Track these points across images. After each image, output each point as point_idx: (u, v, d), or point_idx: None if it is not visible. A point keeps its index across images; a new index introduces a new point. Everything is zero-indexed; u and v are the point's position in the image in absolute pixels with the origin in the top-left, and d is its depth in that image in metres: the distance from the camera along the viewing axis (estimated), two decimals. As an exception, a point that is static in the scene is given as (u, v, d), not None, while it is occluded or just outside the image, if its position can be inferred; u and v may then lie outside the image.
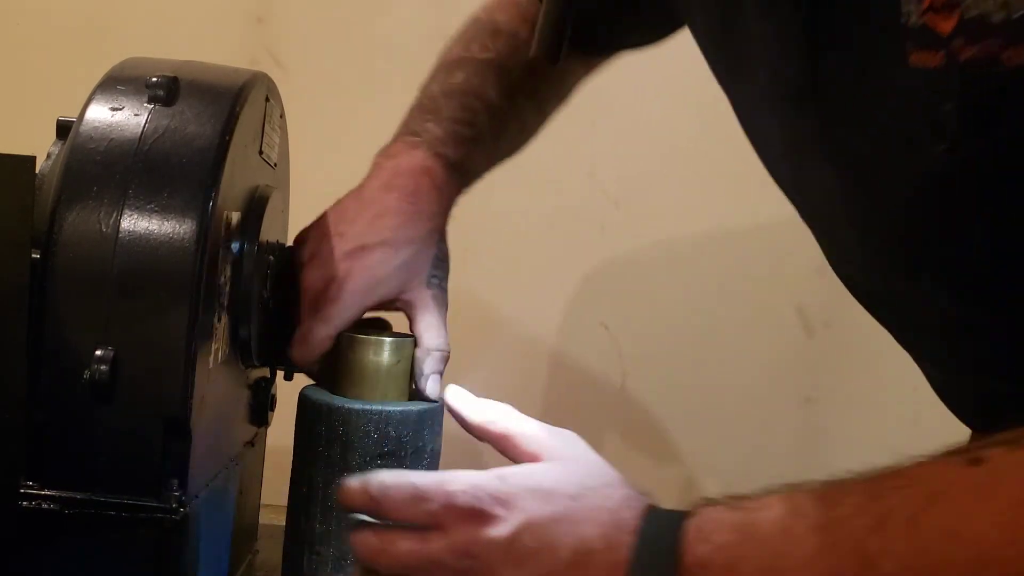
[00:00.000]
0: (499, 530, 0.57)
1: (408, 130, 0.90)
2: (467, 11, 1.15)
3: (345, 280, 0.80)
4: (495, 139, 0.91)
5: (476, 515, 0.58)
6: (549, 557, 0.56)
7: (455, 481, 0.60)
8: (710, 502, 0.57)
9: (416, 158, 0.86)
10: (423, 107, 0.90)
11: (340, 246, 0.81)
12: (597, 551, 0.56)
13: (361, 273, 0.81)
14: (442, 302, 0.85)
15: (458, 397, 0.71)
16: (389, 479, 0.61)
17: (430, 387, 0.81)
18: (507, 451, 0.67)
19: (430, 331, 0.83)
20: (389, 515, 0.61)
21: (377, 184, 0.86)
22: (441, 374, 0.82)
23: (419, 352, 0.82)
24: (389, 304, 0.85)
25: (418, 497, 0.60)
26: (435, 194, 0.85)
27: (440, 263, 0.86)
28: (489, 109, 0.89)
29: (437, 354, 0.82)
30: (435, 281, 0.85)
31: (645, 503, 0.59)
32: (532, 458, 0.65)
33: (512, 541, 0.57)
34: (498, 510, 0.58)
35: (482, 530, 0.58)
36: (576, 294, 1.36)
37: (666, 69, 1.30)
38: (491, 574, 0.57)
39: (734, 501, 0.56)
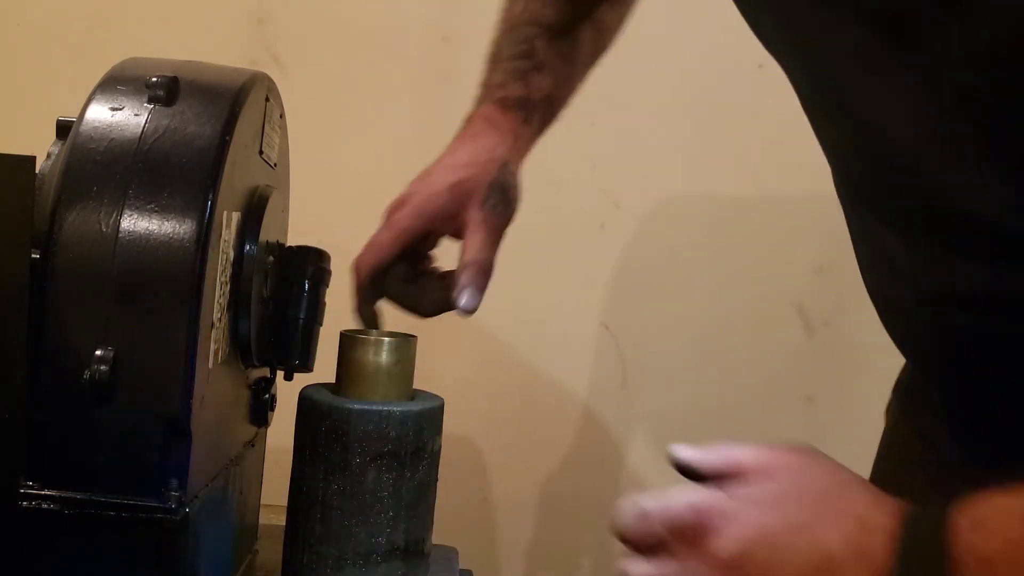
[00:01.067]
0: (726, 545, 0.53)
1: (479, 88, 0.94)
2: (467, 11, 1.16)
3: (409, 196, 0.88)
4: (565, 55, 0.93)
5: (700, 531, 0.54)
6: (787, 571, 0.51)
7: (677, 498, 0.56)
8: (981, 495, 0.50)
9: (478, 114, 0.92)
10: (489, 56, 0.95)
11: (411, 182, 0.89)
12: (846, 561, 0.50)
13: (420, 189, 0.87)
14: (494, 225, 0.85)
15: (683, 450, 0.64)
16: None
17: (464, 299, 0.81)
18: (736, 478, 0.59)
19: (472, 246, 0.83)
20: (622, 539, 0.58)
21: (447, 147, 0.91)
22: (480, 289, 0.81)
23: (458, 266, 0.83)
24: (447, 224, 0.86)
25: (641, 516, 0.57)
26: (494, 132, 0.90)
27: (500, 190, 0.86)
28: (549, 31, 0.92)
29: (474, 266, 0.82)
30: (490, 204, 0.85)
31: (899, 504, 0.53)
32: (763, 473, 0.57)
33: (742, 556, 0.52)
34: (722, 523, 0.53)
35: (708, 547, 0.53)
36: (576, 294, 1.36)
37: (666, 69, 1.31)
38: None
39: (1011, 488, 0.49)
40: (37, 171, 0.66)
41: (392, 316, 0.89)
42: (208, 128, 0.70)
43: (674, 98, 1.32)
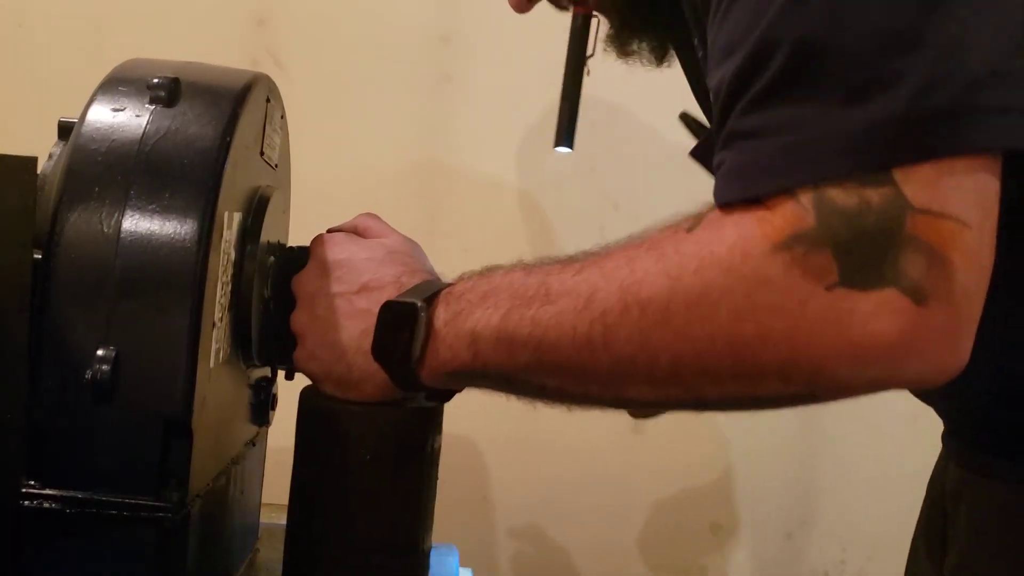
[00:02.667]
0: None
1: None
2: (467, 11, 1.16)
3: None
4: None
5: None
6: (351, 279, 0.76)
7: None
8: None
9: None
10: None
11: None
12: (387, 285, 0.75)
13: None
14: None
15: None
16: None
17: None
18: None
19: None
20: None
21: None
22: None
23: None
24: None
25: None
26: None
27: None
28: None
29: None
30: None
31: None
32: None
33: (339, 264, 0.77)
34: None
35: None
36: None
37: (666, 70, 1.31)
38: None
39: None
40: (39, 172, 0.67)
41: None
42: (209, 129, 0.71)
43: (674, 98, 1.32)
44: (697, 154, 0.77)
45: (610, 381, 0.62)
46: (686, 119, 0.86)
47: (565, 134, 0.89)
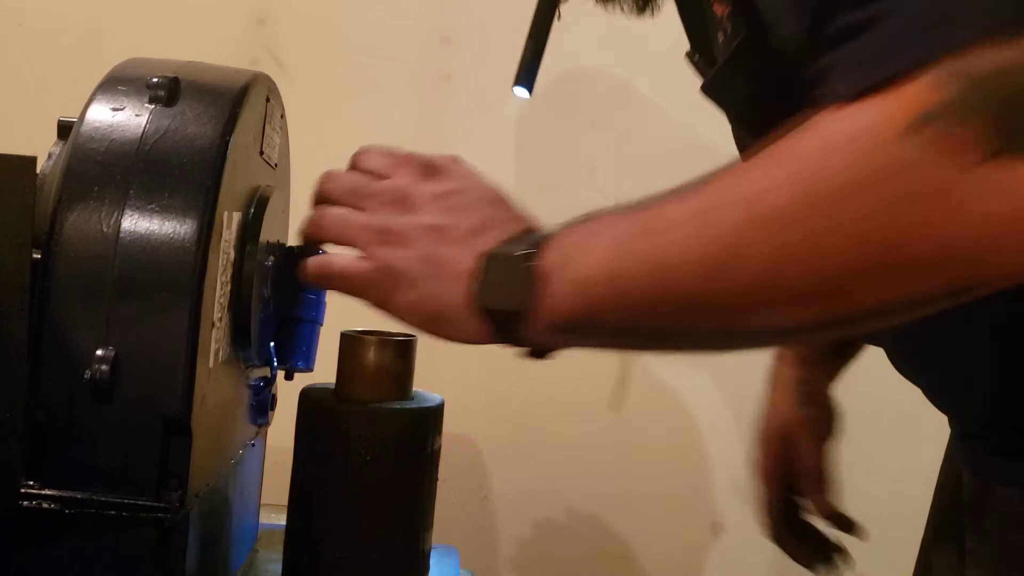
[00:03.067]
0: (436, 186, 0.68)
1: None
2: (467, 11, 1.16)
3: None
4: None
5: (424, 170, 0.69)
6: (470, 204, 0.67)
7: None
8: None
9: None
10: None
11: None
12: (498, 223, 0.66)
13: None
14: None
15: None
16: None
17: None
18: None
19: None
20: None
21: None
22: None
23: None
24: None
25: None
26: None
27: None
28: None
29: None
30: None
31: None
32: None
33: (441, 195, 0.68)
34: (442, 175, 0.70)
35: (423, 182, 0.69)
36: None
37: (666, 69, 1.31)
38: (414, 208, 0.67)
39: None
40: (38, 171, 0.66)
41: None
42: (209, 128, 0.70)
43: (674, 98, 1.32)
44: (710, 89, 0.71)
45: (746, 308, 0.55)
46: (692, 57, 0.79)
47: (526, 75, 0.85)
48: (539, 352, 0.68)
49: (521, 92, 0.85)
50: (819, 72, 0.54)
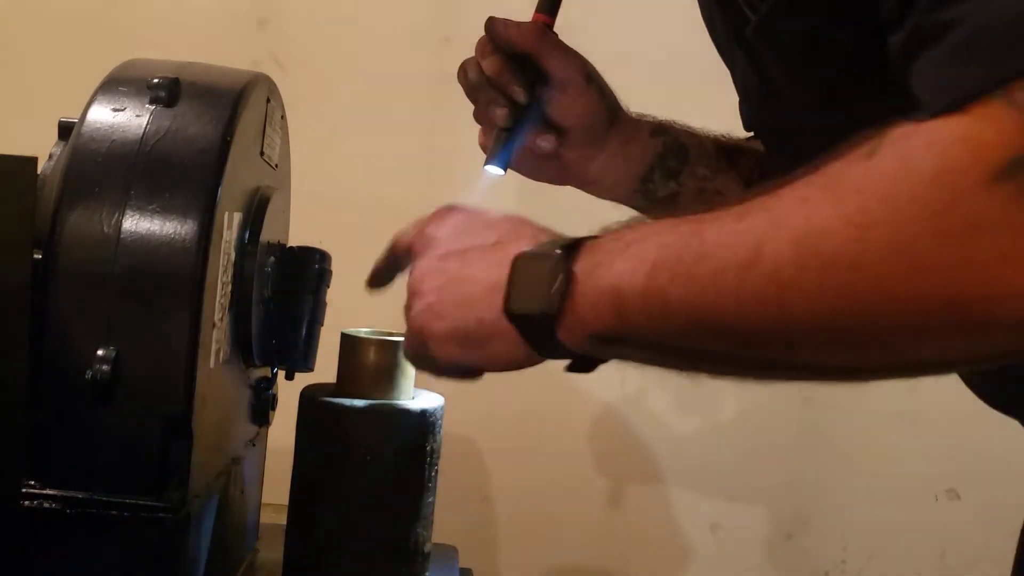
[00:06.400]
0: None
1: None
2: (467, 11, 1.15)
3: None
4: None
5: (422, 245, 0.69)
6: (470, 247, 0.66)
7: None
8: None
9: None
10: None
11: None
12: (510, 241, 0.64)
13: None
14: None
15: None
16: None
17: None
18: None
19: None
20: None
21: None
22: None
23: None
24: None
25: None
26: None
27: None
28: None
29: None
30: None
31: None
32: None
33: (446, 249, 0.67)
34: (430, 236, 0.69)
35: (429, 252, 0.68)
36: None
37: (665, 69, 1.31)
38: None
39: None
40: (39, 172, 0.67)
41: (394, 317, 0.90)
42: (209, 129, 0.71)
43: (674, 98, 1.32)
44: (763, 29, 0.66)
45: (790, 345, 0.51)
46: None
47: (500, 155, 0.85)
48: (582, 364, 0.64)
49: (495, 170, 0.85)
50: (906, 45, 0.49)
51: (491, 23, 0.84)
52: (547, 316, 0.59)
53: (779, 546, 1.41)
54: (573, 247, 0.59)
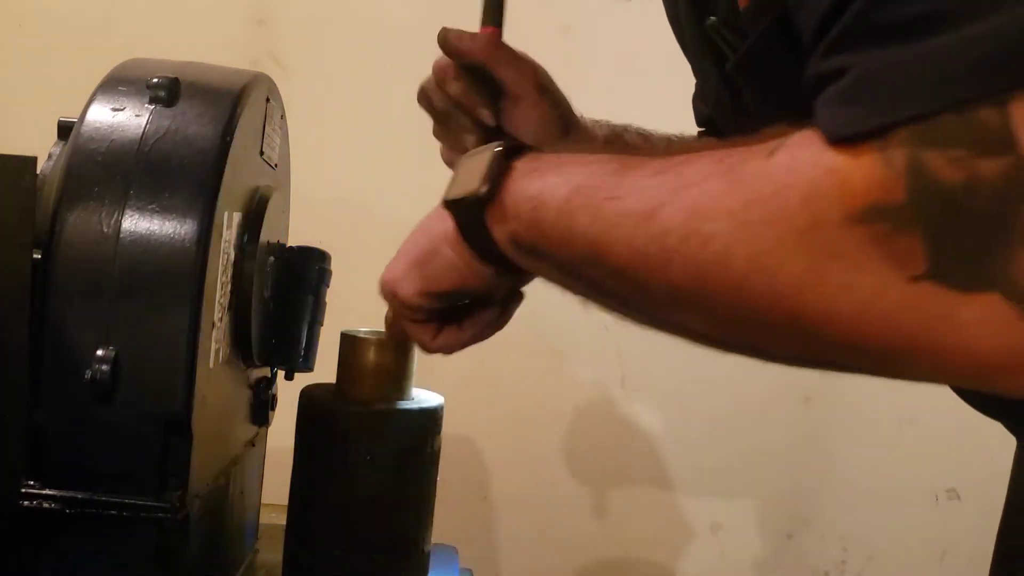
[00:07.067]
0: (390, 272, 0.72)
1: None
2: (467, 11, 1.14)
3: None
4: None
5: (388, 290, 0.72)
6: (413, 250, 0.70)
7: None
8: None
9: None
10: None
11: None
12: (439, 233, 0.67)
13: None
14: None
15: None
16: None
17: None
18: None
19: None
20: None
21: None
22: None
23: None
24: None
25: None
26: None
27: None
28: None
29: None
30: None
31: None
32: None
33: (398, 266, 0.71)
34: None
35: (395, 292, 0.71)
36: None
37: (665, 69, 1.31)
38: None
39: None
40: (38, 172, 0.67)
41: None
42: (209, 129, 0.71)
43: (673, 99, 1.32)
44: (744, 67, 0.67)
45: (665, 304, 0.55)
46: (715, 27, 0.74)
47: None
48: (508, 268, 0.66)
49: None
50: (816, 79, 0.52)
51: (445, 34, 0.85)
52: (478, 198, 0.62)
53: (779, 546, 1.41)
54: (515, 150, 0.62)
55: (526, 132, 0.84)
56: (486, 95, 0.83)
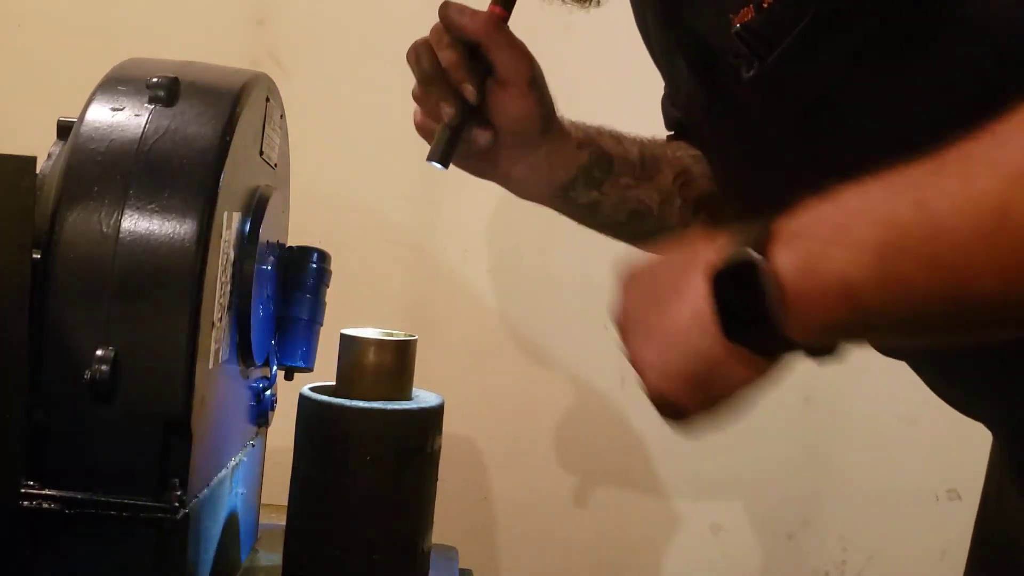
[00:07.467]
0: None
1: None
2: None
3: None
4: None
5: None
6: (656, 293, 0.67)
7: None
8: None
9: None
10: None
11: None
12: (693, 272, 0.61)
13: None
14: None
15: None
16: None
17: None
18: None
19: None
20: None
21: None
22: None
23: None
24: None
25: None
26: None
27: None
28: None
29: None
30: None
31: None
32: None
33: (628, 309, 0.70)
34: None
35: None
36: (576, 295, 1.36)
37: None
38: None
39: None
40: (38, 171, 0.67)
41: (394, 316, 0.90)
42: (209, 129, 0.71)
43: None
44: (771, 76, 0.65)
45: None
46: (741, 35, 0.68)
47: (442, 152, 0.83)
48: (820, 352, 0.62)
49: (437, 165, 0.83)
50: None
51: (445, 8, 0.83)
52: (772, 328, 0.57)
53: (779, 546, 1.41)
54: (764, 240, 0.55)
55: (505, 119, 0.82)
56: (475, 72, 0.81)
